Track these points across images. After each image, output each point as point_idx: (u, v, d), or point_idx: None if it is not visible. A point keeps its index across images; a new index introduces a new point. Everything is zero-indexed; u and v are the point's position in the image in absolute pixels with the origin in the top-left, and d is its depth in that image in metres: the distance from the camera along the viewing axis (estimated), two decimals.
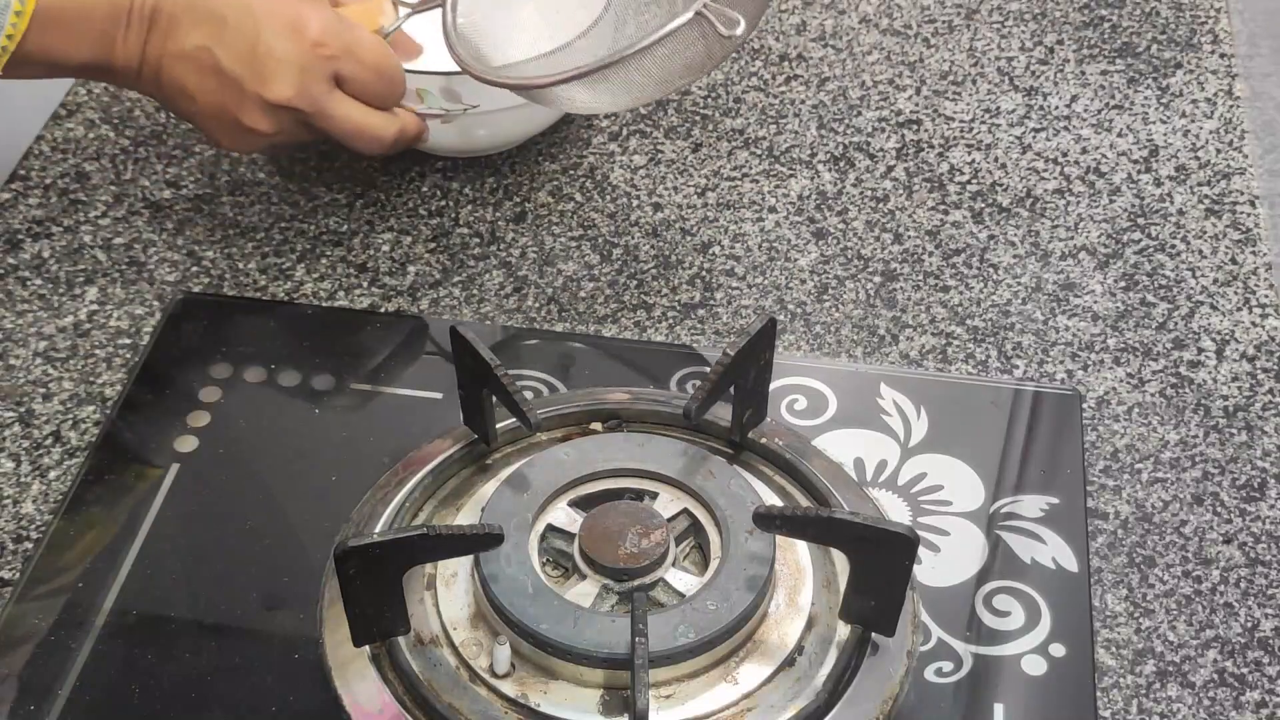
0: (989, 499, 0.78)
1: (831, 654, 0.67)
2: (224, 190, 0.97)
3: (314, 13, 0.84)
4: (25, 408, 0.83)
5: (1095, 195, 0.96)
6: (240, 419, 0.82)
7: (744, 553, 0.67)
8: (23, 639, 0.71)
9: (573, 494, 0.71)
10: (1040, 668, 0.70)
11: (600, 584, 0.67)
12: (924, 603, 0.72)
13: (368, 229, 0.94)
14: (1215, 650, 0.72)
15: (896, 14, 1.11)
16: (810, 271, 0.91)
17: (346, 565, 0.63)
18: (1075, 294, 0.90)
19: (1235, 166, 0.98)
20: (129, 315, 0.88)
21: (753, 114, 1.03)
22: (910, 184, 0.97)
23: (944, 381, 0.84)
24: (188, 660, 0.70)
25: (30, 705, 0.69)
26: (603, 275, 0.91)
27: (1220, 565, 0.75)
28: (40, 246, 0.92)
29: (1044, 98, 1.04)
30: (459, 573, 0.69)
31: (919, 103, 1.03)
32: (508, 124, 0.94)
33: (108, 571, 0.74)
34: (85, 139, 1.00)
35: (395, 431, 0.81)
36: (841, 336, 0.87)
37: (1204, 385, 0.84)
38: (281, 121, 0.84)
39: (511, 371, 0.73)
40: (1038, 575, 0.74)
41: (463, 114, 0.90)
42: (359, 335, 0.87)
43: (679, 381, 0.83)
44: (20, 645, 0.71)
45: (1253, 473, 0.80)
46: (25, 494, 0.78)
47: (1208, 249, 0.93)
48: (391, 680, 0.66)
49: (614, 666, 0.64)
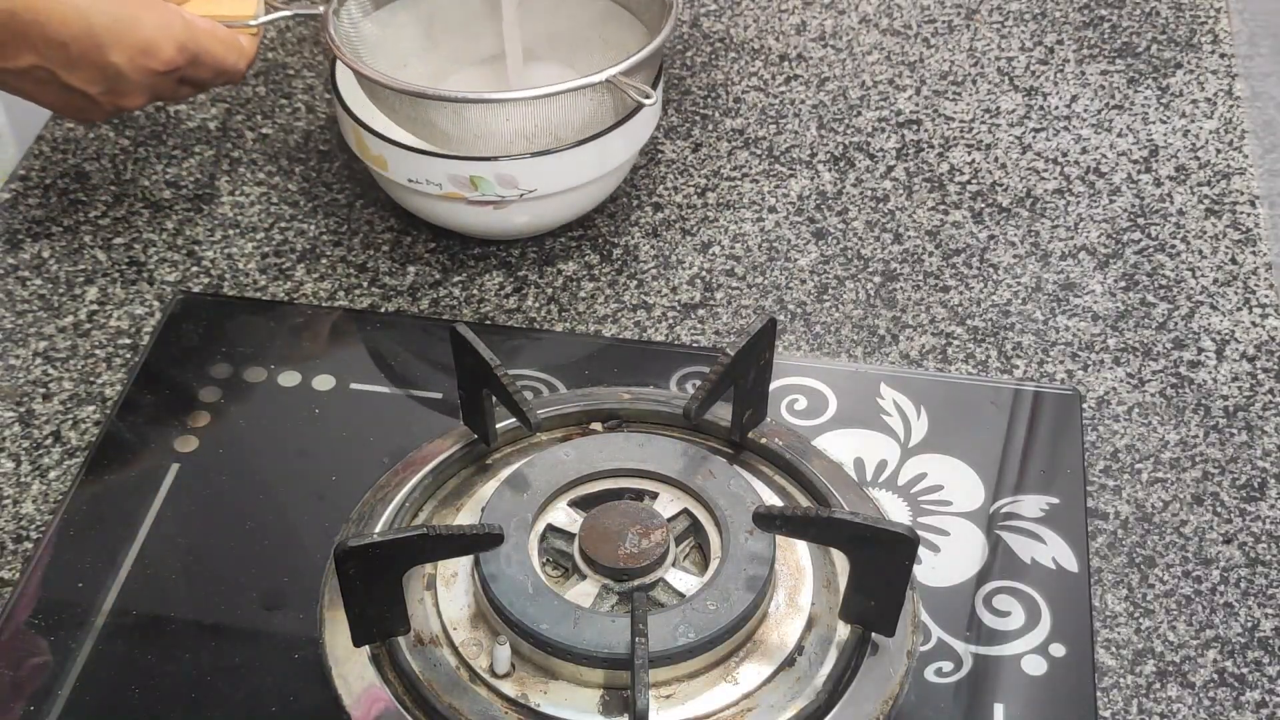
0: (989, 499, 0.78)
1: (831, 654, 0.67)
2: (224, 190, 0.97)
3: (162, 34, 0.82)
4: (25, 408, 0.83)
5: (1095, 195, 0.96)
6: (240, 419, 0.82)
7: (744, 553, 0.67)
8: (23, 639, 0.71)
9: (573, 494, 0.71)
10: (1040, 668, 0.70)
11: (600, 584, 0.67)
12: (924, 603, 0.72)
13: (368, 229, 0.94)
14: (1215, 650, 0.72)
15: (896, 14, 1.11)
16: (810, 271, 0.91)
17: (346, 565, 0.63)
18: (1075, 294, 0.90)
19: (1235, 166, 0.98)
20: (129, 315, 0.88)
21: (753, 114, 1.03)
22: (910, 184, 0.97)
23: (944, 381, 0.84)
24: (188, 660, 0.70)
25: (30, 705, 0.69)
26: (603, 275, 0.91)
27: (1220, 565, 0.75)
28: (40, 246, 0.92)
29: (1044, 98, 1.04)
30: (459, 573, 0.69)
31: (919, 103, 1.03)
32: (554, 208, 0.90)
33: (108, 571, 0.74)
34: (85, 139, 1.00)
35: (395, 431, 0.81)
36: (841, 336, 0.87)
37: (1204, 385, 0.84)
38: (130, 110, 0.86)
39: (511, 371, 0.73)
40: (1038, 575, 0.74)
41: (519, 200, 0.87)
42: (359, 335, 0.87)
43: (679, 381, 0.83)
44: (20, 645, 0.71)
45: (1253, 473, 0.80)
46: (25, 494, 0.78)
47: (1208, 249, 0.93)
48: (391, 680, 0.66)
49: (614, 666, 0.64)
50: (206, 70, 0.85)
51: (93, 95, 0.82)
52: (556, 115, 0.84)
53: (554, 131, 0.85)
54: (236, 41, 0.86)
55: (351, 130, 0.88)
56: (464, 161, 0.85)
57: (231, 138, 1.01)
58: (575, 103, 0.84)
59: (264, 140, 1.00)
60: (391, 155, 0.86)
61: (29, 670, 0.70)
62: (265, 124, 1.02)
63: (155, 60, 0.82)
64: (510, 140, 0.85)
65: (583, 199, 0.91)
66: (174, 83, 0.85)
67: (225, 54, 0.85)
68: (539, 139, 0.85)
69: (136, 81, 0.82)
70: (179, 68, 0.83)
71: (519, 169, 0.85)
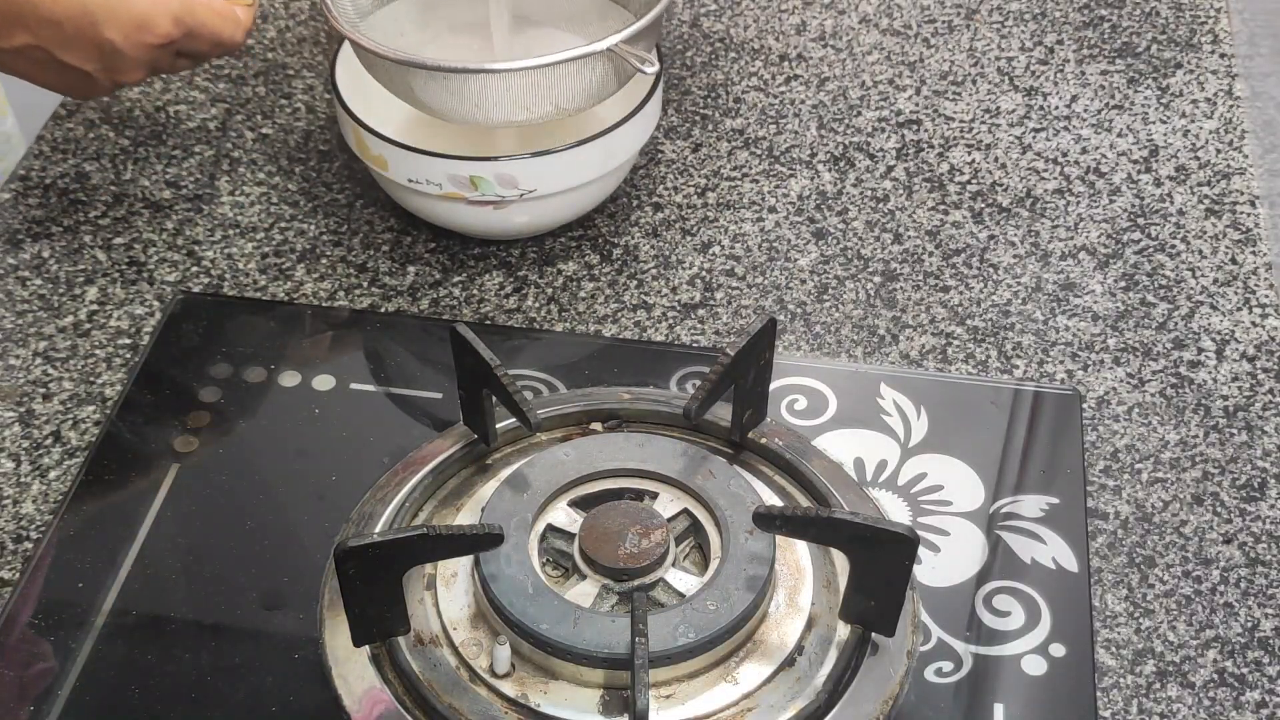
0: (989, 499, 0.78)
1: (831, 654, 0.67)
2: (224, 190, 0.97)
3: (157, 8, 0.81)
4: (25, 408, 0.83)
5: (1095, 195, 0.96)
6: (240, 419, 0.82)
7: (744, 553, 0.67)
8: (23, 639, 0.71)
9: (573, 494, 0.71)
10: (1040, 668, 0.70)
11: (600, 584, 0.67)
12: (924, 603, 0.72)
13: (368, 229, 0.94)
14: (1215, 650, 0.72)
15: (896, 14, 1.11)
16: (810, 271, 0.91)
17: (346, 565, 0.63)
18: (1075, 294, 0.90)
19: (1235, 166, 0.98)
20: (129, 315, 0.88)
21: (753, 114, 1.03)
22: (910, 184, 0.97)
23: (944, 381, 0.84)
24: (188, 660, 0.70)
25: (30, 705, 0.69)
26: (603, 275, 0.91)
27: (1220, 565, 0.75)
28: (40, 246, 0.92)
29: (1044, 98, 1.04)
30: (459, 573, 0.69)
31: (919, 103, 1.03)
32: (554, 208, 0.90)
33: (108, 571, 0.74)
34: (85, 139, 1.00)
35: (395, 431, 0.81)
36: (841, 336, 0.87)
37: (1204, 385, 0.84)
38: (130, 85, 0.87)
39: (511, 371, 0.73)
40: (1038, 575, 0.74)
41: (519, 200, 0.87)
42: (359, 335, 0.87)
43: (679, 381, 0.83)
44: (20, 645, 0.71)
45: (1253, 473, 0.80)
46: (25, 494, 0.78)
47: (1208, 249, 0.93)
48: (391, 680, 0.66)
49: (614, 666, 0.64)
50: (203, 43, 0.85)
51: (90, 72, 0.82)
52: (557, 85, 0.83)
53: (554, 101, 0.84)
54: (232, 13, 0.86)
55: (351, 130, 0.88)
56: (464, 161, 0.85)
57: (231, 138, 1.01)
58: (576, 72, 0.83)
59: (264, 140, 1.00)
60: (391, 155, 0.86)
61: (29, 671, 0.70)
62: (265, 124, 1.02)
63: (151, 35, 0.81)
64: (510, 109, 0.84)
65: (583, 199, 0.91)
66: (171, 56, 0.84)
67: (221, 26, 0.85)
68: (538, 108, 0.84)
69: (133, 57, 0.82)
70: (175, 41, 0.83)
71: (519, 169, 0.85)
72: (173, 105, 1.03)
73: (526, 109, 0.84)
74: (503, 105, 0.84)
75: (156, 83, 1.05)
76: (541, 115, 0.85)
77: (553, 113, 0.85)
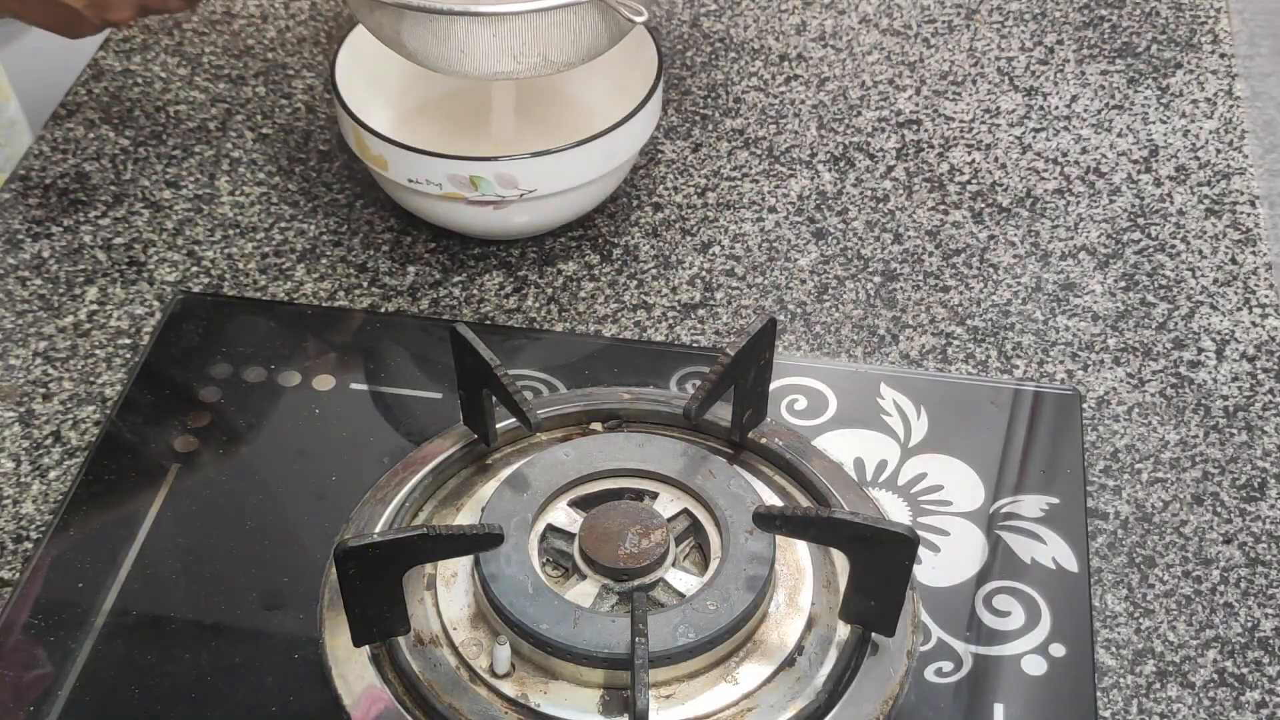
0: (989, 499, 0.78)
1: (831, 654, 0.67)
2: (224, 190, 0.97)
3: None
4: (25, 408, 0.83)
5: (1095, 195, 0.96)
6: (240, 419, 0.82)
7: (744, 553, 0.67)
8: (23, 639, 0.71)
9: (573, 494, 0.71)
10: (1040, 668, 0.70)
11: (600, 584, 0.67)
12: (924, 603, 0.72)
13: (368, 229, 0.94)
14: (1215, 650, 0.72)
15: (896, 14, 1.11)
16: (810, 271, 0.91)
17: (346, 565, 0.63)
18: (1075, 294, 0.90)
19: (1235, 166, 0.98)
20: (129, 315, 0.88)
21: (753, 114, 1.03)
22: (910, 184, 0.97)
23: (944, 381, 0.84)
24: (188, 660, 0.70)
25: (30, 705, 0.69)
26: (603, 275, 0.91)
27: (1220, 565, 0.75)
28: (40, 246, 0.92)
29: (1044, 98, 1.04)
30: (459, 573, 0.69)
31: (919, 103, 1.03)
32: (554, 208, 0.89)
33: (108, 571, 0.74)
34: (85, 139, 1.00)
35: (395, 431, 0.81)
36: (841, 336, 0.87)
37: (1204, 385, 0.84)
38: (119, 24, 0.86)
39: (511, 371, 0.73)
40: (1038, 575, 0.74)
41: (519, 200, 0.87)
42: (359, 335, 0.87)
43: (679, 381, 0.83)
44: (20, 645, 0.71)
45: (1253, 473, 0.80)
46: (25, 494, 0.78)
47: (1208, 249, 0.93)
48: (391, 680, 0.66)
49: (614, 666, 0.64)
50: None
51: (78, 9, 0.82)
52: (545, 32, 0.82)
53: (542, 50, 0.83)
54: None
55: (351, 130, 0.88)
56: (464, 161, 0.85)
57: (231, 138, 1.01)
58: (565, 20, 0.82)
59: (264, 140, 1.00)
60: (391, 155, 0.86)
61: (29, 671, 0.70)
62: (265, 124, 1.02)
63: None
64: (497, 58, 0.83)
65: (583, 199, 0.91)
66: None
67: None
68: (526, 58, 0.83)
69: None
70: None
71: (519, 169, 0.85)
72: (173, 105, 1.03)
73: (514, 58, 0.83)
74: (490, 54, 0.83)
75: (156, 82, 1.05)
76: (529, 66, 0.84)
77: (541, 64, 0.84)
